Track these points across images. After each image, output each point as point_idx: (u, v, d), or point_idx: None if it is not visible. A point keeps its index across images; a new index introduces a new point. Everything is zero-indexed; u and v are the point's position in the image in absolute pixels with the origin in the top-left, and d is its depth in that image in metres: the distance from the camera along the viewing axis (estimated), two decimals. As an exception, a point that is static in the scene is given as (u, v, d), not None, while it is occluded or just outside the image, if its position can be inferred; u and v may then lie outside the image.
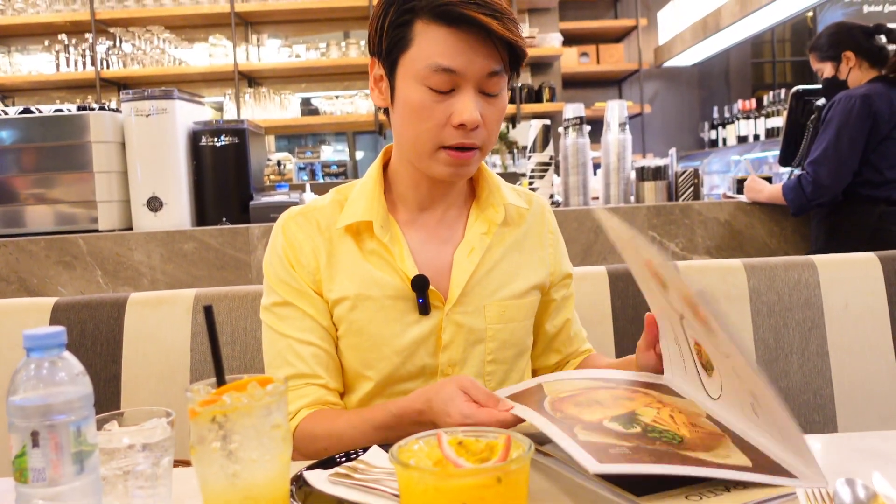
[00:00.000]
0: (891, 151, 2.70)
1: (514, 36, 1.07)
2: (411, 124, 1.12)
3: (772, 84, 7.97)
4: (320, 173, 6.19)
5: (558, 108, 5.62)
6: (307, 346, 1.17)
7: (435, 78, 1.07)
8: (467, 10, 1.04)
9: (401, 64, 1.10)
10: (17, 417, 0.69)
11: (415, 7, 1.07)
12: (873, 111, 2.66)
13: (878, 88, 2.72)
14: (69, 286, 2.54)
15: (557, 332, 1.34)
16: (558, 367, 1.35)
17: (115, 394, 1.48)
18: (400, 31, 1.09)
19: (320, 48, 5.75)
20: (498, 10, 1.06)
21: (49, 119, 2.59)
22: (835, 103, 2.76)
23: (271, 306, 1.20)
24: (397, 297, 1.17)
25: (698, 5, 6.29)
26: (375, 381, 1.19)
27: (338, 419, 1.11)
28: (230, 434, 0.73)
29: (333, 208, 1.22)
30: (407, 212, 1.23)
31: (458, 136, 1.10)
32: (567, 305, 1.35)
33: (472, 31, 1.06)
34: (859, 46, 2.84)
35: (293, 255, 1.19)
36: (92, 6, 5.48)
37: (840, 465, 0.91)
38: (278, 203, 2.73)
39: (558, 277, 1.32)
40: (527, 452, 0.69)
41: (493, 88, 1.11)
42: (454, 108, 1.08)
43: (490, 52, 1.07)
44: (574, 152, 2.95)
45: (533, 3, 5.94)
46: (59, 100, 5.96)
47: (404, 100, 1.11)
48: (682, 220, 2.77)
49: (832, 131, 2.69)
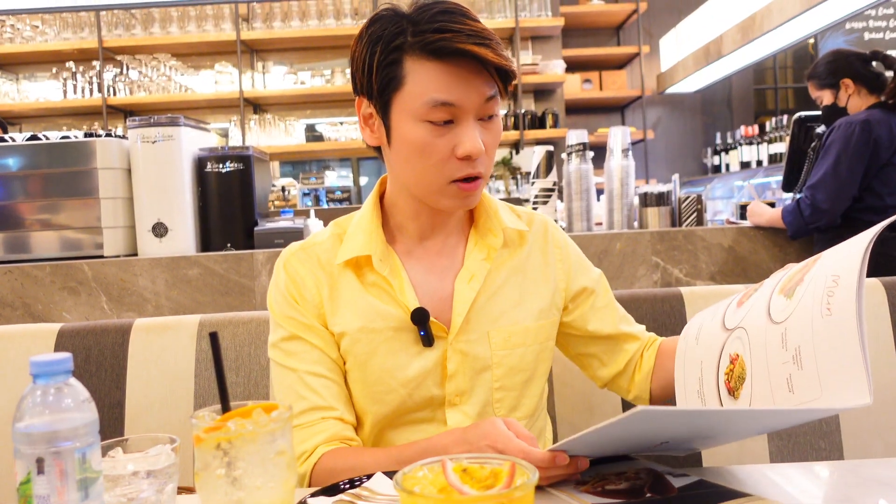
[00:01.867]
0: (891, 178, 2.71)
1: (506, 61, 1.07)
2: (415, 162, 1.11)
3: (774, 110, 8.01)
4: (324, 199, 6.22)
5: (561, 134, 5.65)
6: (319, 378, 1.16)
7: (434, 113, 1.07)
8: (459, 45, 1.04)
9: (395, 102, 1.09)
10: (23, 444, 0.69)
11: (403, 45, 1.07)
12: (874, 137, 2.68)
13: (878, 115, 2.74)
14: (74, 312, 2.54)
15: (606, 338, 1.31)
16: (630, 366, 1.31)
17: (119, 420, 1.48)
18: (390, 70, 1.08)
19: (325, 75, 5.81)
20: (486, 37, 1.06)
21: (56, 146, 2.61)
22: (835, 128, 2.77)
23: (279, 342, 1.19)
24: (400, 330, 1.17)
25: (700, 32, 6.34)
26: (384, 414, 1.18)
27: (362, 455, 1.10)
28: (235, 461, 0.73)
29: (333, 242, 1.22)
30: (406, 242, 1.22)
31: (464, 167, 1.09)
32: (603, 315, 1.31)
33: (466, 63, 1.06)
34: (857, 73, 2.87)
35: (296, 291, 1.19)
36: (100, 34, 5.55)
37: (846, 493, 0.90)
38: (283, 229, 2.74)
39: (574, 292, 1.29)
40: (531, 479, 0.69)
41: (491, 111, 1.11)
42: (457, 140, 1.08)
43: (485, 79, 1.08)
44: (577, 178, 2.96)
45: (536, 30, 5.99)
46: (65, 126, 6.01)
47: (403, 138, 1.10)
48: (685, 246, 2.77)
49: (832, 156, 2.70)
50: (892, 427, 1.46)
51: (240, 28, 5.57)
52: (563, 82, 6.07)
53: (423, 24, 1.06)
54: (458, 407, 1.19)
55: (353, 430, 1.19)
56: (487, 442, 0.95)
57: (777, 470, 1.04)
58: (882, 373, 1.49)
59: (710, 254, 2.78)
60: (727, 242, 2.79)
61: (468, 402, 1.19)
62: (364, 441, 1.22)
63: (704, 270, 2.77)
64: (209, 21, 5.67)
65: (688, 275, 2.76)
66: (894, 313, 1.52)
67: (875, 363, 1.50)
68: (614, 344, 1.32)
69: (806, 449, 1.46)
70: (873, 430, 1.46)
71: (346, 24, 5.59)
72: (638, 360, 1.32)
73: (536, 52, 6.12)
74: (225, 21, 5.67)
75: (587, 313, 1.30)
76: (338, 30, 5.54)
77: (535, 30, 5.97)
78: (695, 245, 2.77)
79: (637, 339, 1.32)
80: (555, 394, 1.54)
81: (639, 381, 1.31)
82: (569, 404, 1.53)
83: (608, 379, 1.33)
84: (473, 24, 1.06)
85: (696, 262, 2.77)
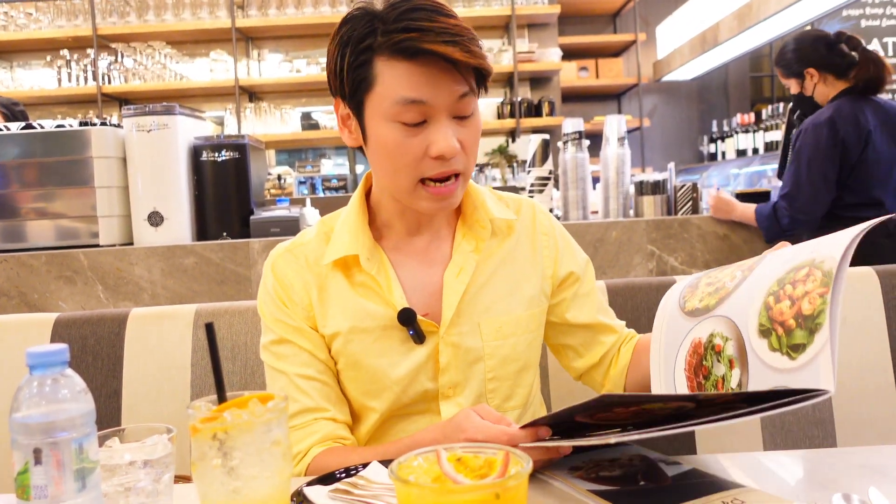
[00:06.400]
0: (866, 173, 2.65)
1: (477, 59, 1.04)
2: (388, 162, 1.10)
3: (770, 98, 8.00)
4: (320, 187, 6.21)
5: (557, 122, 5.64)
6: (309, 381, 1.17)
7: (405, 112, 1.05)
8: (426, 45, 1.02)
9: (367, 104, 1.08)
10: (20, 434, 0.69)
11: (372, 45, 1.05)
12: (841, 138, 2.61)
13: (844, 108, 2.66)
14: (70, 301, 2.55)
15: (583, 327, 1.29)
16: (605, 360, 1.30)
17: (116, 409, 1.49)
18: (360, 71, 1.06)
19: (321, 63, 5.78)
20: (456, 33, 1.03)
21: (51, 134, 2.61)
22: (802, 132, 2.71)
23: (269, 345, 1.20)
24: (390, 328, 1.17)
25: (697, 20, 6.33)
26: (381, 411, 1.19)
27: (351, 455, 1.10)
28: (231, 451, 0.73)
29: (320, 242, 1.21)
30: (394, 238, 1.22)
31: (438, 166, 1.08)
32: (583, 303, 1.29)
33: (435, 62, 1.03)
34: (821, 60, 2.77)
35: (285, 294, 1.19)
36: (94, 22, 5.52)
37: (838, 481, 0.91)
38: (279, 218, 2.74)
39: (560, 278, 1.28)
40: (525, 468, 0.70)
41: (465, 110, 1.09)
42: (430, 139, 1.07)
43: (455, 77, 1.05)
44: (573, 167, 2.96)
45: (532, 18, 5.97)
46: (60, 115, 5.99)
47: (377, 139, 1.09)
48: (681, 235, 2.77)
49: (804, 164, 2.65)
50: (885, 415, 1.47)
51: (235, 15, 5.54)
52: (559, 70, 6.05)
53: (391, 24, 1.04)
54: (452, 399, 1.19)
55: (346, 428, 1.19)
56: (465, 436, 0.95)
57: (770, 457, 1.05)
58: (874, 360, 1.50)
59: (706, 242, 2.78)
60: (722, 231, 2.79)
61: (461, 393, 1.19)
62: (365, 435, 1.22)
63: (700, 259, 2.77)
64: (204, 8, 5.64)
65: (683, 263, 2.77)
66: (888, 301, 1.52)
67: (867, 351, 1.51)
68: (591, 335, 1.30)
69: (799, 437, 1.47)
70: (866, 418, 1.47)
71: (341, 11, 5.55)
72: (615, 355, 1.30)
73: (532, 40, 6.10)
74: (220, 8, 5.64)
75: (569, 300, 1.29)
76: (333, 17, 5.50)
77: (532, 17, 5.95)
78: (690, 234, 2.78)
79: (615, 333, 1.31)
80: (549, 381, 1.54)
81: (613, 375, 1.29)
82: (563, 391, 1.54)
83: (583, 370, 1.32)
84: (444, 21, 1.03)
85: (691, 251, 2.77)
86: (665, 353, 1.09)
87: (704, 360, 1.02)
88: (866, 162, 2.65)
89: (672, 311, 1.11)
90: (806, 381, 0.86)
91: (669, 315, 1.12)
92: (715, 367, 1.00)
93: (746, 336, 0.97)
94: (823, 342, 0.86)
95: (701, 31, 6.20)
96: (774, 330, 0.93)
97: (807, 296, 0.90)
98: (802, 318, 0.90)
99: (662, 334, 1.11)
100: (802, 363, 0.87)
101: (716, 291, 1.05)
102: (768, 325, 0.94)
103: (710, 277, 1.09)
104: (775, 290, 0.95)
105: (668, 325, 1.11)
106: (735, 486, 0.89)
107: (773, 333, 0.93)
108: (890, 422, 1.47)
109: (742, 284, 1.01)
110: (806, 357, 0.87)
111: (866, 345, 1.52)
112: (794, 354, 0.89)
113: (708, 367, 1.01)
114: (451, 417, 1.01)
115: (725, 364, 0.99)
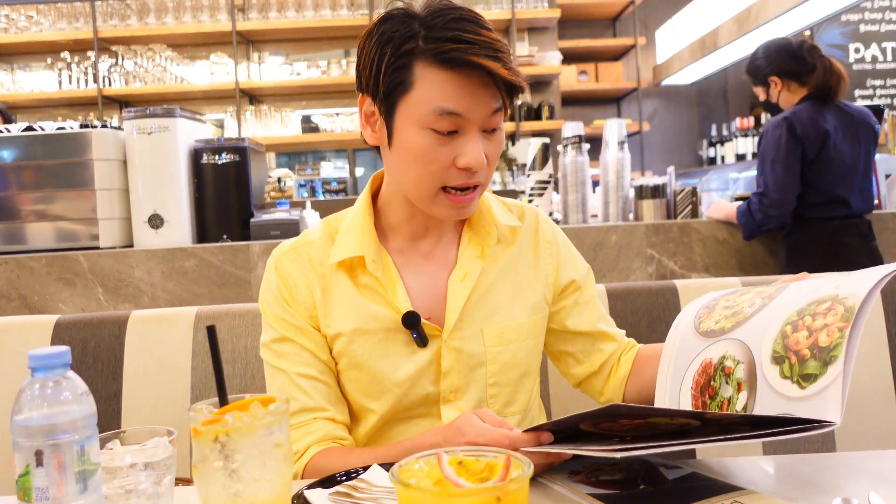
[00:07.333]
0: (825, 171, 2.72)
1: (516, 76, 1.05)
2: (413, 166, 1.10)
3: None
4: (321, 190, 6.20)
5: (557, 125, 5.64)
6: (309, 381, 1.17)
7: (439, 121, 1.05)
8: (472, 57, 1.02)
9: (400, 106, 1.08)
10: (22, 437, 0.70)
11: (414, 50, 1.05)
12: (798, 136, 2.69)
13: (803, 112, 2.73)
14: (70, 303, 2.55)
15: (583, 335, 1.29)
16: (605, 368, 1.29)
17: (117, 412, 1.49)
18: (399, 73, 1.06)
19: (321, 66, 5.79)
20: (498, 49, 1.04)
21: (51, 137, 2.61)
22: (764, 134, 2.80)
23: (270, 343, 1.20)
24: (394, 331, 1.17)
25: (696, 24, 6.33)
26: (380, 413, 1.19)
27: (350, 455, 1.10)
28: (232, 453, 0.74)
29: (325, 242, 1.21)
30: (399, 241, 1.22)
31: (462, 176, 1.09)
32: (583, 311, 1.29)
33: (476, 75, 1.04)
34: (783, 69, 2.85)
35: (288, 293, 1.19)
36: (95, 24, 5.52)
37: (837, 485, 0.91)
38: (279, 220, 2.74)
39: (562, 286, 1.28)
40: (526, 472, 0.70)
41: (495, 124, 1.10)
42: (459, 150, 1.07)
43: (493, 92, 1.06)
44: (573, 170, 2.96)
45: (532, 21, 5.98)
46: (61, 117, 5.99)
47: (405, 143, 1.09)
48: (680, 239, 2.78)
49: (769, 163, 2.73)
50: (885, 419, 1.47)
51: (235, 18, 5.55)
52: (559, 74, 6.06)
53: (436, 31, 1.04)
54: (453, 403, 1.19)
55: (344, 429, 1.19)
56: (466, 440, 0.95)
57: (770, 461, 1.05)
58: (874, 366, 1.50)
59: (705, 246, 2.79)
60: (722, 235, 2.80)
61: (463, 398, 1.19)
62: (363, 436, 1.22)
63: (699, 263, 2.78)
64: (205, 11, 5.64)
65: (683, 267, 2.77)
66: (887, 305, 1.53)
67: (867, 356, 1.51)
68: (591, 342, 1.30)
69: (799, 441, 1.46)
70: (866, 423, 1.47)
71: (342, 14, 5.57)
72: (614, 364, 1.30)
73: (532, 44, 6.11)
74: (221, 11, 5.64)
75: (569, 308, 1.29)
76: (334, 21, 5.51)
77: (532, 21, 5.96)
78: (690, 237, 2.78)
79: (614, 341, 1.31)
80: (549, 387, 1.54)
81: (613, 384, 1.29)
82: (563, 397, 1.54)
83: (582, 378, 1.32)
84: (487, 35, 1.05)
85: (690, 255, 2.78)
86: (674, 370, 1.10)
87: (713, 381, 1.02)
88: (828, 160, 2.72)
89: (686, 330, 1.12)
90: (813, 411, 0.87)
91: (682, 334, 1.13)
92: (722, 388, 1.01)
93: (759, 361, 0.98)
94: (836, 375, 0.87)
95: (700, 35, 6.20)
96: (788, 358, 0.94)
97: (826, 328, 0.91)
98: (818, 350, 0.91)
99: (673, 352, 1.12)
100: (812, 393, 0.88)
101: (733, 315, 1.06)
102: (782, 353, 0.95)
103: (729, 301, 1.11)
104: (794, 319, 0.96)
105: (680, 344, 1.12)
106: (735, 490, 0.89)
107: (787, 361, 0.94)
108: (890, 426, 1.47)
109: (761, 311, 1.03)
110: (816, 387, 0.88)
111: (866, 350, 1.52)
112: (805, 384, 0.90)
113: (715, 388, 1.02)
114: (453, 421, 1.01)
115: (734, 386, 0.99)
